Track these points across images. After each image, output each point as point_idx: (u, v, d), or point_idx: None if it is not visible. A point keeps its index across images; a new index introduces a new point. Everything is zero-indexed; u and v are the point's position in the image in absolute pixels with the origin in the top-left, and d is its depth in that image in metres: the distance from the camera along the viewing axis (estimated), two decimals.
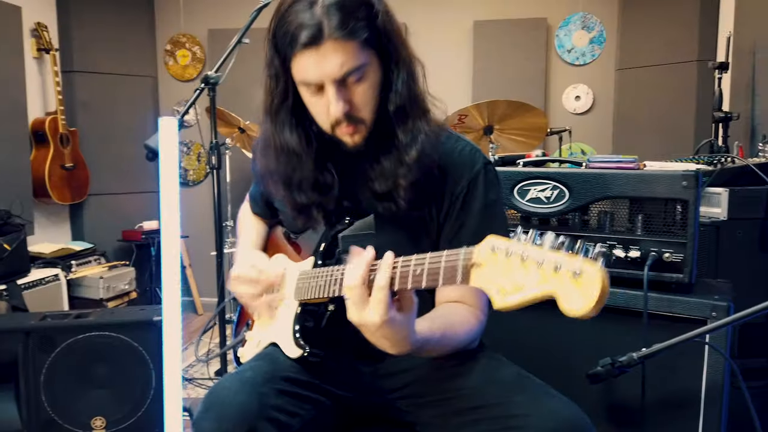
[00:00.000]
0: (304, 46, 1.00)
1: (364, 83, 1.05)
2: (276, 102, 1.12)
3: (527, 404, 0.99)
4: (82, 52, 3.99)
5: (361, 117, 1.07)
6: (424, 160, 1.09)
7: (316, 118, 1.10)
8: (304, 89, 1.07)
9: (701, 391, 1.37)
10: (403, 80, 1.08)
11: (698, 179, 1.39)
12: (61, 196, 3.72)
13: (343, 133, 1.08)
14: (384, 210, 1.12)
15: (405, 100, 1.09)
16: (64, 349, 2.26)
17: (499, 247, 0.76)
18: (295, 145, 1.12)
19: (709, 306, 1.36)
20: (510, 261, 0.74)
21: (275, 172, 1.17)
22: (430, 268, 0.85)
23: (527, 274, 0.72)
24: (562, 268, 0.68)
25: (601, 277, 0.66)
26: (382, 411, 1.19)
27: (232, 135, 3.45)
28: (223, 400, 0.96)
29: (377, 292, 0.88)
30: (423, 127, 1.10)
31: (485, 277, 0.78)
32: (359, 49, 1.02)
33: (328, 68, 1.01)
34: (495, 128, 2.86)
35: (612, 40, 3.87)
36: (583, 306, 0.66)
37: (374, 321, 0.88)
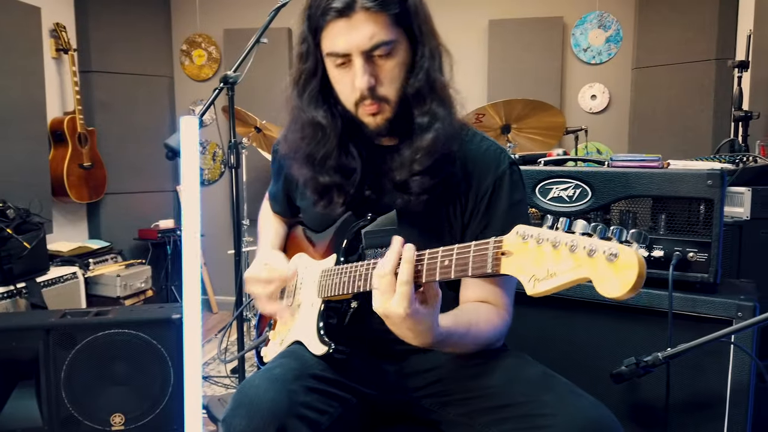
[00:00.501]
0: (335, 16, 1.01)
1: (392, 60, 1.06)
2: (304, 77, 1.14)
3: (554, 403, 0.98)
4: (100, 52, 4.03)
5: (385, 95, 1.07)
6: (437, 146, 1.09)
7: (341, 94, 1.11)
8: (331, 63, 1.08)
9: (726, 391, 1.35)
10: (427, 65, 1.09)
11: (723, 178, 1.38)
12: (79, 195, 3.75)
13: (366, 111, 1.09)
14: (403, 202, 1.12)
15: (424, 84, 1.09)
16: (84, 347, 2.29)
17: (530, 234, 0.77)
18: (321, 118, 1.13)
19: (735, 306, 1.35)
20: (541, 248, 0.74)
21: (300, 149, 1.17)
22: (459, 258, 0.86)
23: (560, 259, 0.72)
24: (597, 252, 0.68)
25: (638, 259, 0.66)
26: (407, 409, 1.19)
27: (248, 134, 3.46)
28: (253, 398, 0.96)
29: (401, 286, 0.89)
30: (441, 113, 1.10)
31: (516, 265, 0.78)
32: (389, 23, 1.03)
33: (357, 39, 1.02)
34: (512, 127, 2.85)
35: (629, 38, 3.84)
36: (620, 288, 0.66)
37: (398, 313, 0.89)
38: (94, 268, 3.62)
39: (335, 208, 1.18)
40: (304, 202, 1.31)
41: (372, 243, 1.10)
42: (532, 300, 1.32)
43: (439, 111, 1.10)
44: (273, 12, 2.21)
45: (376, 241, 1.10)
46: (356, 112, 1.11)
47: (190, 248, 1.71)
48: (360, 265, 1.06)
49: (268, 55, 3.30)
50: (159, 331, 2.33)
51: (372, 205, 1.17)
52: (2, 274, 2.81)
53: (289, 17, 2.53)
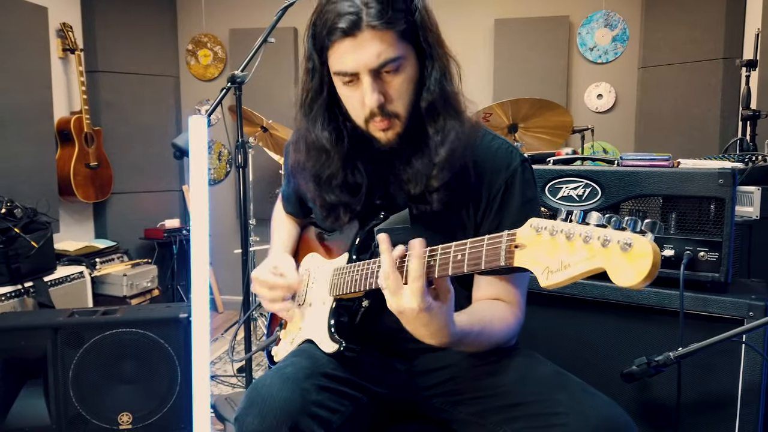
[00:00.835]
0: (342, 35, 1.01)
1: (400, 76, 1.05)
2: (310, 97, 1.13)
3: (567, 402, 0.98)
4: (106, 52, 4.04)
5: (396, 111, 1.07)
6: (454, 161, 1.09)
7: (351, 112, 1.11)
8: (339, 81, 1.08)
9: (738, 391, 1.35)
10: (436, 77, 1.08)
11: (735, 177, 1.37)
12: (85, 194, 3.76)
13: (376, 128, 1.08)
14: (418, 211, 1.12)
15: (437, 98, 1.08)
16: (91, 346, 2.30)
17: (543, 226, 0.77)
18: (325, 141, 1.13)
19: (746, 306, 1.34)
20: (555, 240, 0.75)
21: (306, 168, 1.18)
22: (472, 252, 0.86)
23: (573, 251, 0.72)
24: (611, 242, 0.68)
25: (653, 248, 0.66)
26: (418, 408, 1.19)
27: (255, 134, 3.47)
28: (266, 397, 0.96)
29: (413, 282, 0.89)
30: (455, 126, 1.10)
31: (529, 257, 0.78)
32: (396, 40, 1.02)
33: (364, 57, 1.01)
34: (519, 126, 2.85)
35: (635, 37, 3.83)
36: (635, 277, 0.66)
37: (412, 307, 0.89)
38: (101, 268, 3.63)
39: (342, 224, 1.18)
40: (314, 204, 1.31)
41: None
42: (542, 299, 1.32)
43: (453, 124, 1.10)
44: (280, 11, 2.21)
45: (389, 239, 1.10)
46: (367, 128, 1.10)
47: (198, 247, 1.71)
48: (372, 263, 1.06)
49: (274, 55, 3.30)
50: (166, 330, 2.34)
51: (383, 207, 1.17)
52: (10, 274, 2.81)
53: (295, 17, 2.53)
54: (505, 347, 1.13)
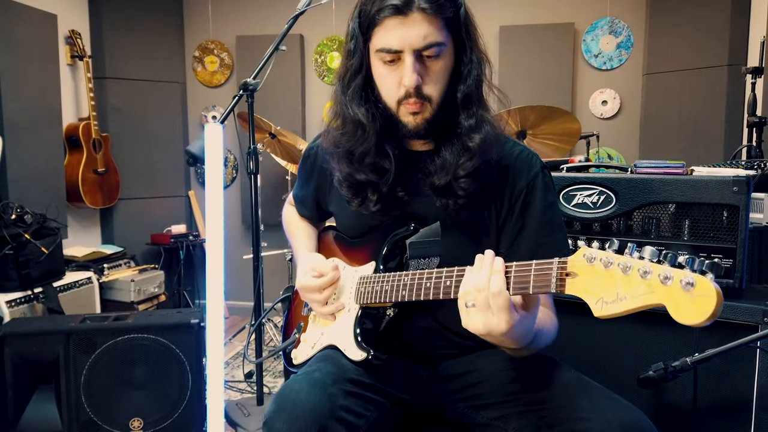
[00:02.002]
0: (392, 12, 1.05)
1: (439, 62, 1.09)
2: (350, 74, 1.17)
3: (590, 407, 1.00)
4: (114, 58, 4.07)
5: (429, 95, 1.10)
6: (486, 148, 1.11)
7: (384, 92, 1.14)
8: (379, 60, 1.11)
9: (753, 396, 1.36)
10: (475, 71, 1.12)
11: (749, 185, 1.39)
12: (93, 200, 3.78)
13: (407, 110, 1.11)
14: (442, 205, 1.14)
15: (473, 90, 1.12)
16: (103, 351, 2.31)
17: (596, 257, 0.79)
18: (362, 117, 1.16)
19: (761, 311, 1.36)
20: (610, 272, 0.76)
21: (340, 144, 1.20)
22: (518, 276, 0.88)
23: (631, 284, 0.75)
24: (672, 280, 0.71)
25: (716, 290, 0.69)
26: (441, 413, 1.21)
27: (263, 140, 3.49)
28: (295, 401, 0.98)
29: (494, 298, 0.89)
30: (488, 118, 1.13)
31: (582, 287, 0.80)
32: (442, 26, 1.06)
33: (411, 37, 1.05)
34: (528, 133, 2.87)
35: (639, 44, 3.86)
36: (699, 316, 0.69)
37: (501, 327, 0.89)
38: (109, 273, 3.64)
39: (369, 206, 1.19)
40: (337, 207, 1.32)
41: (416, 254, 1.12)
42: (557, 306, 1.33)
43: (486, 115, 1.14)
44: (291, 20, 2.23)
45: (420, 252, 1.12)
46: (397, 110, 1.13)
47: (214, 252, 1.73)
48: (404, 275, 1.08)
49: (281, 62, 3.32)
50: (177, 335, 2.35)
51: (404, 206, 1.20)
52: (20, 279, 2.83)
53: (301, 24, 2.56)
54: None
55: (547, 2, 3.96)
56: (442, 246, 1.12)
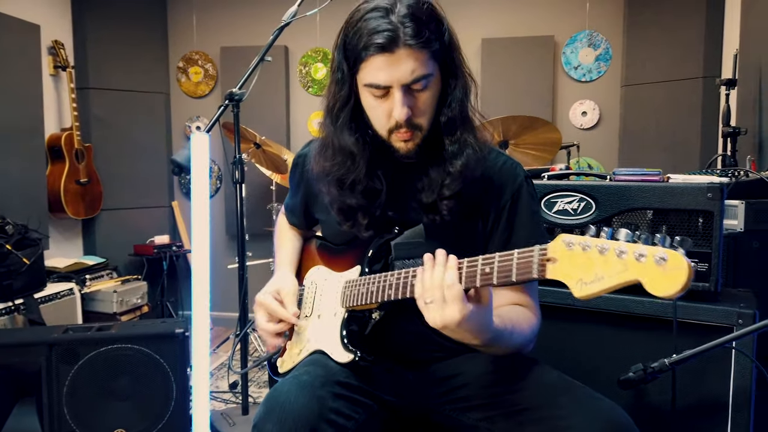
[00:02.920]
0: (378, 50, 1.05)
1: (427, 92, 1.11)
2: (339, 105, 1.18)
3: (573, 406, 1.02)
4: (97, 69, 4.06)
5: (419, 123, 1.12)
6: (467, 173, 1.14)
7: (375, 121, 1.16)
8: (367, 93, 1.12)
9: (729, 396, 1.40)
10: (459, 96, 1.14)
11: (723, 191, 1.44)
12: (75, 210, 3.75)
13: (399, 138, 1.13)
14: (429, 221, 1.17)
15: (457, 114, 1.14)
16: (86, 362, 2.29)
17: (575, 242, 0.82)
18: (352, 146, 1.17)
19: (735, 314, 1.40)
20: (588, 254, 0.80)
21: (330, 173, 1.21)
22: (501, 266, 0.91)
23: (607, 264, 0.78)
24: (646, 257, 0.74)
25: (687, 262, 0.72)
26: (428, 416, 1.22)
27: (248, 150, 3.50)
28: (284, 403, 0.99)
29: (448, 290, 0.93)
30: (470, 140, 1.16)
31: (562, 270, 0.84)
32: (429, 59, 1.08)
33: (399, 73, 1.06)
34: (510, 143, 2.92)
35: (618, 57, 3.95)
36: (673, 287, 0.72)
37: (455, 319, 0.93)
38: (91, 284, 3.61)
39: (360, 229, 1.21)
40: (323, 214, 1.34)
41: (400, 255, 1.15)
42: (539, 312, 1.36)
43: (468, 138, 1.16)
44: (277, 31, 2.26)
45: (404, 253, 1.15)
46: (388, 138, 1.15)
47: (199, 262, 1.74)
48: (390, 275, 1.10)
49: (265, 73, 3.34)
50: (162, 346, 2.34)
51: (395, 224, 1.22)
52: (2, 290, 2.80)
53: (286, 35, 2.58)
54: (512, 355, 1.17)
55: (528, 15, 4.05)
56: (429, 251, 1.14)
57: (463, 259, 0.97)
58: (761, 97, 2.81)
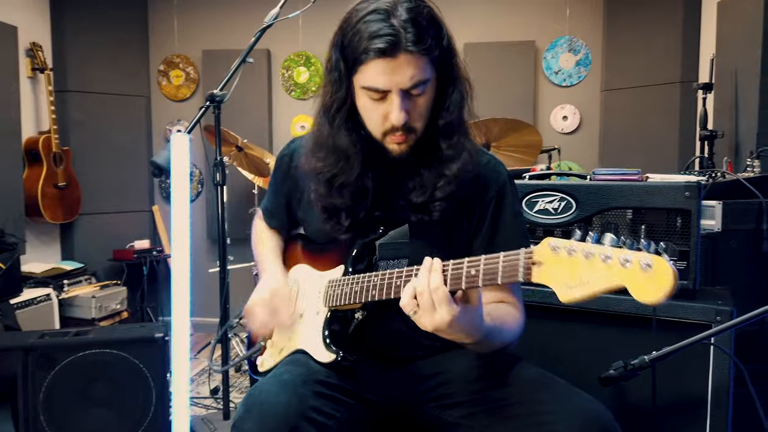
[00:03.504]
0: (379, 54, 1.04)
1: (424, 96, 1.10)
2: (335, 105, 1.17)
3: (553, 401, 1.03)
4: (76, 71, 4.01)
5: (415, 127, 1.12)
6: (464, 175, 1.15)
7: (370, 123, 1.15)
8: (365, 95, 1.11)
9: (708, 392, 1.42)
10: (457, 100, 1.14)
11: (700, 190, 1.46)
12: (53, 215, 3.69)
13: (393, 140, 1.13)
14: (416, 220, 1.17)
15: (455, 118, 1.14)
16: (64, 367, 2.24)
17: (560, 246, 0.82)
18: (347, 147, 1.16)
19: (713, 311, 1.42)
20: (573, 258, 0.80)
21: (321, 171, 1.20)
22: (487, 268, 0.91)
23: (593, 269, 0.78)
24: (631, 262, 0.75)
25: (671, 269, 0.73)
26: (410, 414, 1.22)
27: (230, 153, 3.48)
28: (264, 401, 0.98)
29: (434, 293, 0.94)
30: (467, 144, 1.16)
31: (547, 274, 0.84)
32: (428, 64, 1.07)
33: (398, 78, 1.05)
34: (492, 145, 2.94)
35: (597, 62, 4.00)
36: (657, 293, 0.73)
37: (445, 320, 0.93)
38: (69, 290, 3.56)
39: (339, 231, 1.21)
40: (307, 213, 1.33)
41: (385, 255, 1.14)
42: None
43: (465, 142, 1.16)
44: (258, 33, 2.25)
45: (389, 253, 1.15)
46: (382, 140, 1.15)
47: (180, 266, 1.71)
48: (374, 275, 1.10)
49: (248, 76, 3.33)
50: (141, 350, 2.30)
51: (380, 224, 1.21)
52: None
53: (269, 39, 2.57)
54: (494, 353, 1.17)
55: (509, 21, 4.08)
56: (415, 252, 1.14)
57: (449, 262, 0.97)
58: (737, 101, 2.87)
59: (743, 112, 2.82)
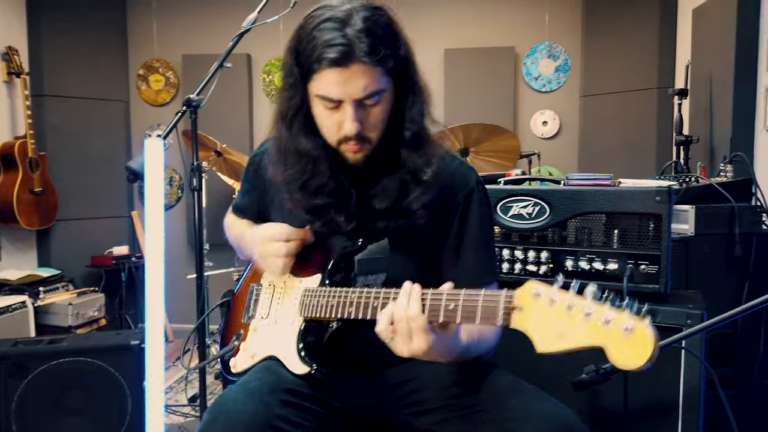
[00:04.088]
0: (331, 64, 1.03)
1: (379, 107, 1.09)
2: (292, 112, 1.15)
3: (521, 408, 1.04)
4: (53, 76, 3.96)
5: (369, 137, 1.12)
6: (440, 182, 1.15)
7: (325, 130, 1.14)
8: (319, 103, 1.10)
9: (679, 396, 1.42)
10: (419, 110, 1.14)
11: (671, 195, 1.47)
12: (29, 221, 3.64)
13: (347, 149, 1.12)
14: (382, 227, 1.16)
15: (417, 128, 1.13)
16: (37, 376, 2.21)
17: (542, 293, 0.81)
18: (311, 150, 1.15)
19: (684, 314, 1.43)
20: (555, 309, 0.79)
21: (293, 179, 1.18)
22: (466, 306, 0.91)
23: (573, 323, 0.78)
24: (613, 323, 0.74)
25: (654, 337, 0.73)
26: (382, 422, 1.21)
27: (209, 158, 3.45)
28: (230, 410, 0.97)
29: (413, 321, 0.94)
30: (435, 152, 1.16)
31: (527, 321, 0.83)
32: (382, 75, 1.06)
33: (351, 89, 1.04)
34: (470, 150, 2.95)
35: (576, 68, 4.04)
36: (637, 362, 0.73)
37: (422, 348, 0.94)
38: (45, 297, 3.50)
39: (339, 225, 1.18)
40: (279, 215, 1.30)
41: (363, 270, 1.14)
42: None
43: (434, 151, 1.15)
44: (236, 37, 2.23)
45: (367, 268, 1.14)
46: (337, 147, 1.14)
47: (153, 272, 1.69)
48: (351, 292, 1.09)
49: (228, 81, 3.32)
50: (116, 358, 2.28)
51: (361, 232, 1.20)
52: None
53: (249, 44, 2.56)
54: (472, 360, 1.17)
55: (489, 27, 4.11)
56: (392, 266, 1.14)
57: (428, 291, 0.96)
58: (712, 107, 2.91)
59: (718, 117, 2.86)
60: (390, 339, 0.97)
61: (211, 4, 4.24)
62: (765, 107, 2.60)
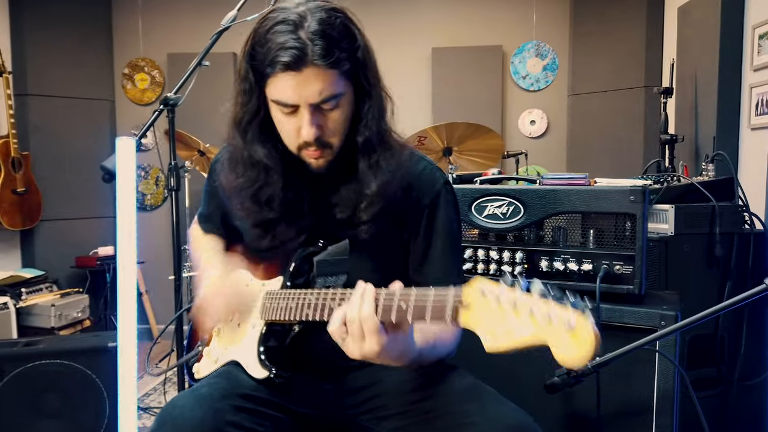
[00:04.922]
0: (285, 68, 0.99)
1: (338, 111, 1.06)
2: (247, 118, 1.12)
3: (477, 411, 1.02)
4: (37, 74, 3.93)
5: (330, 142, 1.08)
6: (385, 192, 1.11)
7: (284, 136, 1.11)
8: (276, 108, 1.07)
9: (653, 399, 1.40)
10: (374, 115, 1.10)
11: (645, 194, 1.45)
12: (11, 221, 3.60)
13: (308, 155, 1.09)
14: (346, 234, 1.13)
15: (373, 134, 1.10)
16: (12, 379, 2.18)
17: (490, 291, 0.80)
18: (265, 159, 1.12)
19: (658, 316, 1.41)
20: (501, 307, 0.78)
21: (243, 187, 1.15)
22: (417, 305, 0.89)
23: (519, 321, 0.77)
24: (556, 320, 0.73)
25: (595, 333, 0.72)
26: (343, 427, 1.19)
27: (191, 158, 3.43)
28: (177, 417, 0.95)
29: (365, 323, 0.91)
30: (387, 159, 1.12)
31: (475, 319, 0.82)
32: (338, 78, 1.03)
33: (306, 93, 1.01)
34: (454, 150, 2.93)
35: (564, 67, 4.02)
36: (580, 358, 0.73)
37: (374, 350, 0.91)
38: (27, 298, 3.46)
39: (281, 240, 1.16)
40: (245, 223, 1.28)
41: (323, 272, 1.11)
42: None
43: (385, 158, 1.12)
44: (215, 35, 2.21)
45: (327, 270, 1.11)
46: (299, 154, 1.11)
47: (125, 272, 1.67)
48: (309, 293, 1.06)
49: (213, 80, 3.28)
50: (94, 360, 2.25)
51: (318, 231, 1.17)
52: None
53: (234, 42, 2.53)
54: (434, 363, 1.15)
55: (477, 26, 4.09)
56: (354, 268, 1.11)
57: (381, 290, 0.94)
58: (697, 106, 2.89)
59: (702, 116, 2.85)
60: (342, 340, 0.95)
61: (197, 2, 4.22)
62: (749, 106, 2.59)
